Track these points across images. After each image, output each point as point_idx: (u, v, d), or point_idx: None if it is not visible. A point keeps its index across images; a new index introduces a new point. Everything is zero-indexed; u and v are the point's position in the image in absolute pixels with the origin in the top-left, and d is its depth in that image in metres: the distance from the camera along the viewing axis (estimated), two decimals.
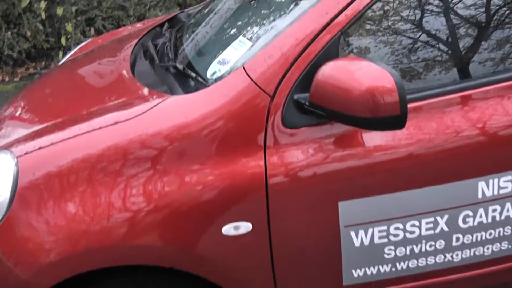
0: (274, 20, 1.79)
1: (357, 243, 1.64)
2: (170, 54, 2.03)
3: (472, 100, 1.65)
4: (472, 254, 1.74)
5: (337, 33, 1.56)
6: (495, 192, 1.67)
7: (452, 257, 1.72)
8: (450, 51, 1.72)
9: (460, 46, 1.71)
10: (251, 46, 1.68)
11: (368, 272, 1.69)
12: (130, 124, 1.59)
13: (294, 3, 1.75)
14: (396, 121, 1.41)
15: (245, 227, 1.57)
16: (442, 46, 1.69)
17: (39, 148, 1.60)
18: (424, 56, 1.68)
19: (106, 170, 1.54)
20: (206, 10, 2.33)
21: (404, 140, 1.59)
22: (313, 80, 1.48)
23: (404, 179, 1.62)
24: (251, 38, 1.73)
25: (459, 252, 1.73)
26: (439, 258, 1.72)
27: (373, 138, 1.58)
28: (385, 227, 1.64)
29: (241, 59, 1.66)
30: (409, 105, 1.46)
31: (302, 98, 1.54)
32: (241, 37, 1.77)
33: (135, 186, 1.54)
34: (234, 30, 1.90)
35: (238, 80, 1.57)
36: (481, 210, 1.68)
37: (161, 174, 1.54)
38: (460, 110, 1.64)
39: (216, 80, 1.65)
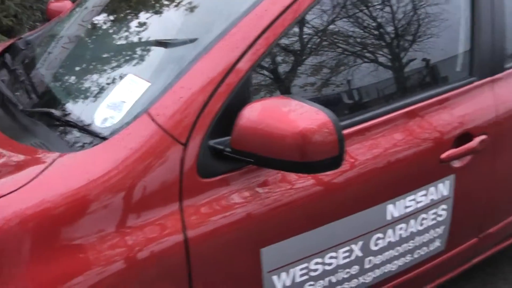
0: (172, 52, 1.57)
1: (279, 286, 1.55)
2: (31, 95, 1.70)
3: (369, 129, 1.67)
4: (381, 272, 1.80)
5: (249, 69, 1.43)
6: (402, 212, 1.73)
7: (364, 279, 1.76)
8: (357, 80, 1.70)
9: (365, 75, 1.71)
10: (150, 86, 1.46)
11: None
12: (16, 196, 1.27)
13: (190, 33, 1.58)
14: (333, 162, 1.31)
15: None
16: (351, 77, 1.67)
17: None
18: (338, 86, 1.65)
19: None
20: (59, 37, 2.02)
21: (316, 176, 1.55)
22: (235, 124, 1.34)
23: (320, 213, 1.58)
24: (146, 76, 1.50)
25: (371, 273, 1.77)
26: (354, 283, 1.73)
27: (287, 178, 1.51)
28: (305, 265, 1.59)
29: (140, 102, 1.43)
30: None
31: (219, 144, 1.39)
32: (131, 75, 1.54)
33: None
34: (115, 66, 1.65)
35: (144, 128, 1.36)
36: (390, 231, 1.73)
37: (72, 252, 1.27)
38: (362, 141, 1.64)
39: (113, 129, 1.40)
